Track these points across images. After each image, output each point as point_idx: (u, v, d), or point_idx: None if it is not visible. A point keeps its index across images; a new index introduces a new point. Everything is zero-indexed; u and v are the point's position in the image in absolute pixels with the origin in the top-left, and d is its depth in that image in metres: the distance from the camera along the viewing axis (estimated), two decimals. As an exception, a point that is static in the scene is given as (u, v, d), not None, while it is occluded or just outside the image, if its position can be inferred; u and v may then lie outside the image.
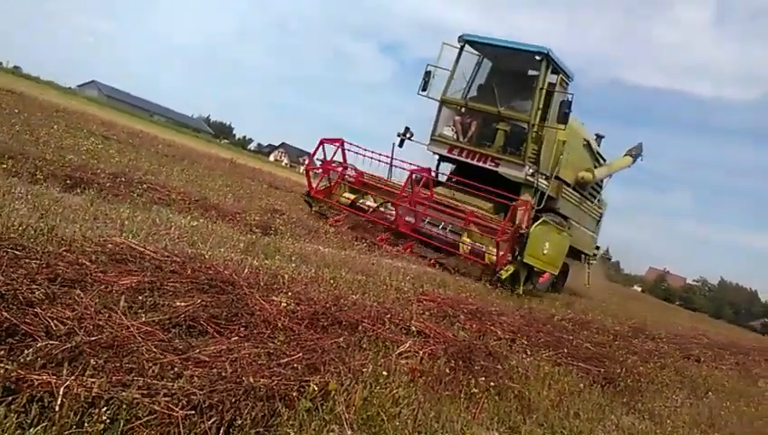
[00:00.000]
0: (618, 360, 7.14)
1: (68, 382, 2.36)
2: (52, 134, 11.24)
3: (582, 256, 17.33)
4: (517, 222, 11.23)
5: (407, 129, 14.20)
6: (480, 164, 13.28)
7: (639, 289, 76.90)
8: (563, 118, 12.55)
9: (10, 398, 2.24)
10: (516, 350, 5.88)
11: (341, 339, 4.09)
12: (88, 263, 3.78)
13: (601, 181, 17.14)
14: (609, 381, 5.96)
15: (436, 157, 14.46)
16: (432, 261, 11.12)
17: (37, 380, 2.35)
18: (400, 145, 14.10)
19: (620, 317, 13.27)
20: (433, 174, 13.88)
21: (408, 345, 4.51)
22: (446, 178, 14.58)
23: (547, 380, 5.13)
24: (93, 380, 2.44)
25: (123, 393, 2.42)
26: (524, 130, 12.92)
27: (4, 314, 2.74)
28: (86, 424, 2.26)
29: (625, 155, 18.55)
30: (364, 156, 13.69)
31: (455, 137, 13.85)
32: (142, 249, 4.40)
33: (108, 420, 2.29)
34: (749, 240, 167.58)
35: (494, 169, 13.08)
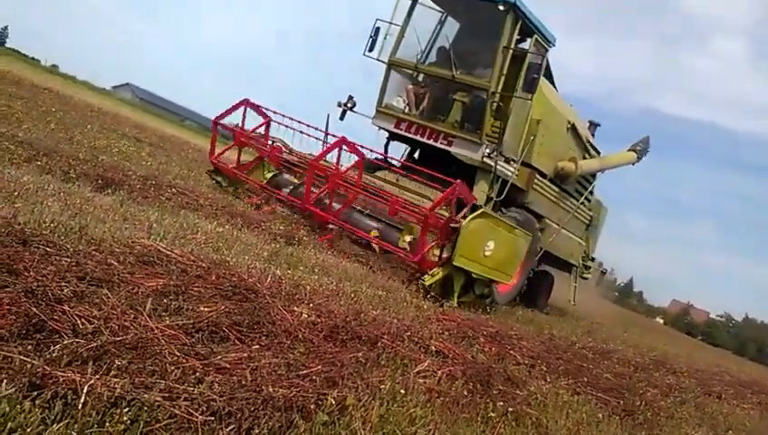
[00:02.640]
0: (637, 392, 7.02)
1: (92, 381, 2.39)
2: (86, 134, 11.49)
3: (571, 267, 14.91)
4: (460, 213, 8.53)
5: (350, 97, 11.60)
6: (431, 142, 10.74)
7: (662, 321, 75.67)
8: (530, 85, 10.07)
9: (35, 393, 2.27)
10: (535, 376, 5.82)
11: (360, 354, 4.09)
12: (116, 263, 3.83)
13: (593, 177, 14.38)
14: (627, 413, 5.86)
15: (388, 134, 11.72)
16: (329, 237, 9.15)
17: (62, 377, 2.38)
18: (341, 117, 11.55)
19: (642, 349, 13.06)
20: (364, 156, 10.43)
21: (426, 364, 4.49)
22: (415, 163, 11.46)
23: (565, 408, 5.06)
24: (117, 380, 2.47)
25: (145, 395, 2.45)
26: (485, 100, 10.36)
27: (34, 309, 2.79)
28: (107, 424, 2.28)
29: (629, 150, 15.56)
30: (293, 129, 10.79)
31: (406, 109, 11.22)
32: (169, 252, 4.45)
33: (129, 422, 2.31)
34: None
35: (446, 148, 10.57)
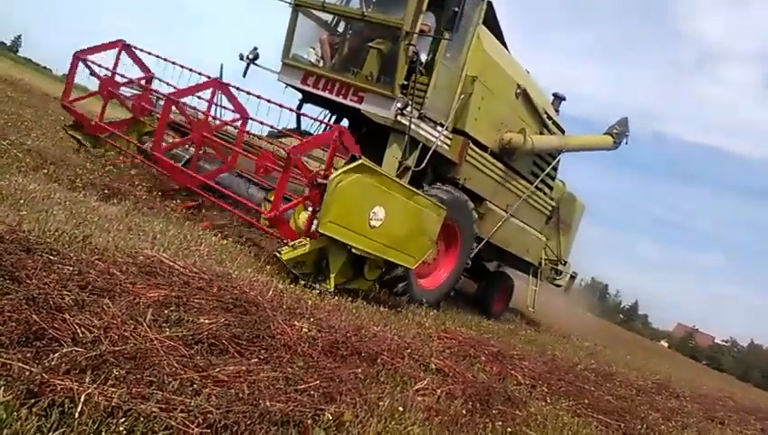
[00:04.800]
0: (639, 416, 6.96)
1: (89, 390, 2.40)
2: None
3: (530, 267, 12.94)
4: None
5: (253, 49, 9.82)
6: (339, 99, 8.85)
7: (666, 344, 75.17)
8: (450, 22, 8.19)
9: (32, 401, 2.27)
10: (536, 397, 5.78)
11: (360, 370, 4.08)
12: (118, 273, 3.85)
13: (552, 158, 12.17)
14: (628, 437, 5.81)
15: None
16: (208, 224, 7.41)
17: (60, 385, 2.38)
18: (244, 73, 9.82)
19: (645, 372, 12.96)
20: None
21: (426, 382, 4.47)
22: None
23: (565, 430, 5.02)
24: (114, 389, 2.48)
25: (142, 406, 2.45)
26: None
27: (34, 317, 2.80)
28: (103, 433, 2.28)
29: (605, 133, 13.50)
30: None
31: (318, 62, 9.43)
32: (172, 263, 4.46)
33: (125, 432, 2.31)
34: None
35: (356, 105, 8.70)
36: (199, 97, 8.84)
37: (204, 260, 5.43)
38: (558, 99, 12.74)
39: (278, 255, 6.24)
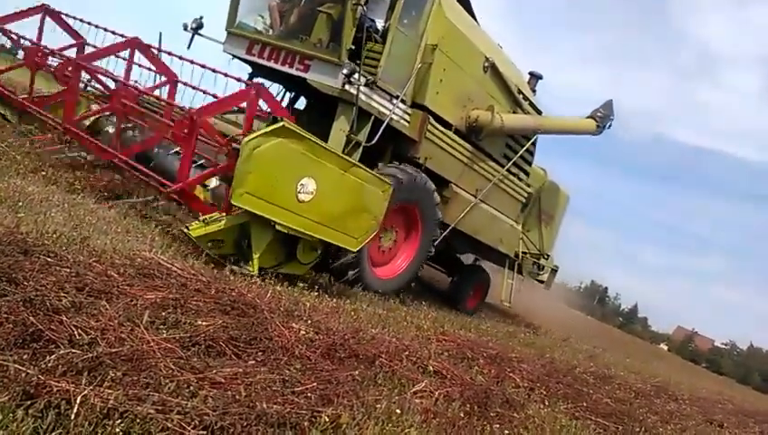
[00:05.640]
0: (637, 418, 6.95)
1: (86, 392, 2.40)
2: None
3: (505, 259, 12.03)
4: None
5: (198, 18, 8.96)
6: (285, 69, 8.07)
7: (666, 347, 75.14)
8: None
9: (29, 402, 2.27)
10: (534, 399, 5.77)
11: (357, 372, 4.07)
12: (116, 275, 3.86)
13: (526, 140, 11.14)
14: (626, 439, 5.80)
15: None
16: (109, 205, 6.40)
17: (56, 386, 2.39)
18: (189, 45, 8.95)
19: (644, 375, 12.94)
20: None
21: (423, 385, 4.46)
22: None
23: (563, 433, 5.01)
24: (110, 391, 2.48)
25: (138, 408, 2.45)
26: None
27: (31, 319, 2.80)
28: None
29: (588, 117, 12.22)
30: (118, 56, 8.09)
31: (268, 30, 8.62)
32: (169, 266, 4.47)
33: (121, 433, 2.31)
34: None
35: (302, 74, 7.93)
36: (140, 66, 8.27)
37: (202, 262, 5.41)
38: (535, 77, 11.89)
39: (186, 231, 5.55)
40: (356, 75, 7.47)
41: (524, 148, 11.09)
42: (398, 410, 3.69)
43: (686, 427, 7.99)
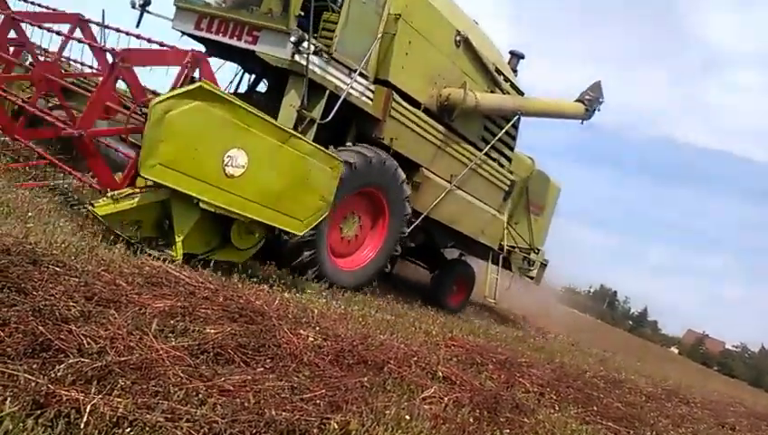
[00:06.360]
0: (649, 422, 6.91)
1: (95, 401, 2.40)
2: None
3: (488, 251, 11.27)
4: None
5: None
6: (234, 42, 7.52)
7: (676, 351, 74.70)
8: None
9: (38, 411, 2.28)
10: (544, 404, 5.74)
11: (366, 379, 4.06)
12: (124, 284, 3.87)
13: (506, 121, 10.37)
14: (638, 443, 5.76)
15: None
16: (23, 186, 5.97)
17: (66, 396, 2.39)
18: (138, 23, 8.26)
19: (655, 378, 12.86)
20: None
21: (432, 391, 4.45)
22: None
23: (574, 438, 4.99)
24: (120, 400, 2.48)
25: (147, 416, 2.45)
26: None
27: (41, 328, 2.81)
28: (109, 443, 2.28)
29: (576, 100, 11.50)
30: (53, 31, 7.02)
31: (220, 4, 8.00)
32: (178, 274, 4.48)
33: (130, 442, 2.31)
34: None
35: (250, 46, 7.39)
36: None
37: (210, 270, 5.42)
38: (516, 57, 11.20)
39: (91, 208, 4.89)
40: (305, 44, 6.86)
41: (503, 130, 10.37)
42: (407, 417, 3.68)
43: (698, 430, 7.94)
